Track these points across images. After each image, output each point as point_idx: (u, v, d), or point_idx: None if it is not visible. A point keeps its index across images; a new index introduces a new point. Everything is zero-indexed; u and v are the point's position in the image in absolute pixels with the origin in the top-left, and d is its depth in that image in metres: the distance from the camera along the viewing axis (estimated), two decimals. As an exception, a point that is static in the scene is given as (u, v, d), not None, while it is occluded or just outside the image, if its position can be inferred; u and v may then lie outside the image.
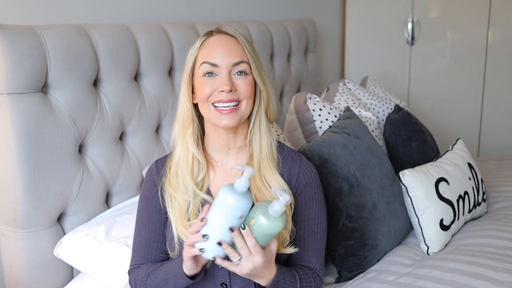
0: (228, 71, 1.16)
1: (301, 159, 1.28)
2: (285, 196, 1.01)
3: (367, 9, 3.33)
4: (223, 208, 1.02)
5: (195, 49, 1.20)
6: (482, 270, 1.46)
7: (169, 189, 1.20)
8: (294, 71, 2.64)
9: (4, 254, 1.47)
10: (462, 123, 3.27)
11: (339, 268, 1.61)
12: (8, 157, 1.37)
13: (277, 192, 1.02)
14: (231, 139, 1.22)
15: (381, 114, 2.28)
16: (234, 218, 1.03)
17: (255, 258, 1.05)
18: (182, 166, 1.21)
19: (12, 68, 1.32)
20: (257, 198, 1.19)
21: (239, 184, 1.02)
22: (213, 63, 1.16)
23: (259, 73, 1.20)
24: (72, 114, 1.48)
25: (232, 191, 1.02)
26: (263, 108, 1.23)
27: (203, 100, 1.17)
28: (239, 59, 1.17)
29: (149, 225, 1.24)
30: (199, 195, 1.19)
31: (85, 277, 1.49)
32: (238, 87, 1.16)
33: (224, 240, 1.04)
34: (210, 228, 1.03)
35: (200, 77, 1.18)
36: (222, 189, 1.04)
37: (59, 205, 1.48)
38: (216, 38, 1.19)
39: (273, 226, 1.04)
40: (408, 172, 1.72)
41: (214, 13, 2.35)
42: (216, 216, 1.03)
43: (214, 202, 1.05)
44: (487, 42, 3.12)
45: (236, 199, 1.01)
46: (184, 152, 1.22)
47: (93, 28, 1.57)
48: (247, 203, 1.03)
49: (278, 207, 1.02)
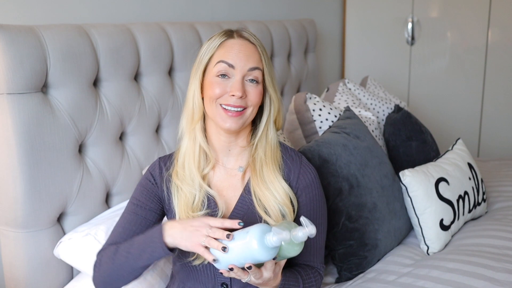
0: (242, 76, 1.17)
1: (301, 160, 1.28)
2: (311, 228, 1.00)
3: (367, 9, 3.33)
4: (245, 246, 1.01)
5: (213, 46, 1.20)
6: (482, 270, 1.47)
7: (176, 180, 1.21)
8: (294, 71, 2.64)
9: (4, 254, 1.47)
10: (462, 123, 3.27)
11: (339, 268, 1.61)
12: (8, 157, 1.37)
13: (305, 222, 1.01)
14: (232, 142, 1.23)
15: (381, 114, 2.28)
16: (251, 260, 1.02)
17: (265, 275, 1.06)
18: (188, 159, 1.22)
19: (12, 68, 1.32)
20: (261, 199, 1.19)
21: (270, 240, 0.99)
22: (230, 63, 1.16)
23: (272, 83, 1.22)
24: (72, 114, 1.48)
25: (262, 240, 1.00)
26: (272, 116, 1.24)
27: (212, 99, 1.18)
28: (255, 65, 1.18)
29: (136, 209, 1.24)
30: (203, 188, 1.20)
31: (85, 277, 1.49)
32: (248, 95, 1.17)
33: (235, 265, 1.04)
34: (229, 253, 1.03)
35: (213, 76, 1.18)
36: (257, 229, 1.01)
37: (59, 205, 1.47)
38: (237, 42, 1.19)
39: (290, 250, 1.05)
40: (408, 172, 1.72)
41: (214, 13, 2.35)
42: (236, 247, 1.02)
43: (242, 231, 1.03)
44: (487, 42, 3.12)
45: (260, 251, 0.99)
46: (191, 144, 1.23)
47: (93, 28, 1.57)
48: (267, 257, 1.01)
49: (301, 236, 1.01)
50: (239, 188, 1.24)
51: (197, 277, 1.21)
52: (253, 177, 1.22)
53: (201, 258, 1.17)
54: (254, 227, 1.01)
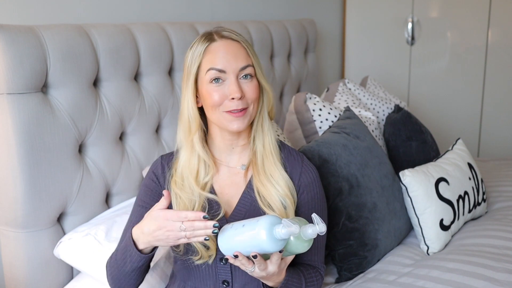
0: (236, 76, 1.16)
1: (302, 159, 1.29)
2: (322, 226, 1.00)
3: (367, 9, 3.33)
4: (253, 235, 1.01)
5: (198, 54, 1.18)
6: (482, 270, 1.46)
7: (174, 189, 1.21)
8: (294, 71, 2.64)
9: (4, 254, 1.47)
10: (462, 123, 3.27)
11: (339, 268, 1.61)
12: (8, 157, 1.37)
13: (316, 219, 1.01)
14: (235, 139, 1.24)
15: (381, 114, 2.28)
16: (258, 250, 1.02)
17: (269, 268, 1.06)
18: (186, 171, 1.22)
19: (12, 68, 1.32)
20: (261, 193, 1.19)
21: (279, 232, 0.99)
22: (220, 69, 1.15)
23: (262, 74, 1.22)
24: (72, 114, 1.48)
25: (271, 231, 0.99)
26: (266, 107, 1.24)
27: (213, 107, 1.17)
28: (245, 63, 1.17)
29: (141, 211, 1.24)
30: (203, 195, 1.20)
31: (85, 277, 1.49)
32: (247, 93, 1.17)
33: (241, 253, 1.04)
34: (237, 240, 1.03)
35: (207, 84, 1.17)
36: (267, 219, 1.01)
37: (59, 205, 1.47)
38: (220, 44, 1.18)
39: (299, 246, 1.05)
40: (408, 172, 1.72)
41: (214, 13, 2.35)
42: (245, 235, 1.02)
43: (253, 220, 1.03)
44: (487, 42, 3.12)
45: (267, 241, 0.99)
46: (189, 157, 1.22)
47: (93, 28, 1.57)
48: (274, 249, 1.01)
49: (311, 233, 1.01)
50: (241, 186, 1.24)
51: (198, 275, 1.22)
52: (255, 172, 1.22)
53: (204, 258, 1.17)
54: (264, 217, 1.01)
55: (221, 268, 1.20)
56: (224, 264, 1.19)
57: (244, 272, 1.16)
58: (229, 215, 1.22)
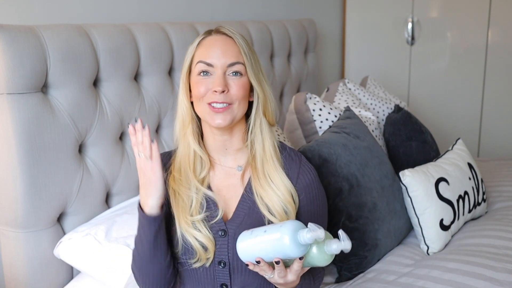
0: (223, 72, 1.16)
1: (300, 160, 1.28)
2: (347, 244, 0.99)
3: (367, 9, 3.33)
4: (276, 240, 1.00)
5: (192, 47, 1.21)
6: (482, 270, 1.47)
7: (173, 185, 1.21)
8: (294, 71, 2.64)
9: (4, 254, 1.47)
10: (462, 123, 3.27)
11: (339, 268, 1.61)
12: (8, 157, 1.37)
13: (342, 236, 1.00)
14: (227, 140, 1.22)
15: (381, 114, 2.28)
16: (280, 255, 1.02)
17: (289, 277, 1.06)
18: (184, 164, 1.22)
19: (12, 68, 1.32)
20: (263, 198, 1.19)
21: (304, 236, 0.98)
22: (208, 62, 1.17)
23: (256, 75, 1.20)
24: (72, 114, 1.48)
25: (295, 235, 0.99)
26: (261, 109, 1.22)
27: (198, 99, 1.18)
28: (234, 60, 1.17)
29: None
30: (201, 190, 1.20)
31: (85, 277, 1.49)
32: (231, 89, 1.16)
33: (262, 259, 1.04)
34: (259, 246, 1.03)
35: (196, 76, 1.19)
36: (291, 224, 1.00)
37: (59, 205, 1.47)
38: (213, 38, 1.20)
39: (320, 259, 1.04)
40: (408, 172, 1.72)
41: (214, 13, 2.35)
42: (267, 240, 1.02)
43: (276, 225, 1.03)
44: (487, 42, 3.12)
45: (291, 246, 0.99)
46: (186, 150, 1.23)
47: (93, 28, 1.57)
48: (297, 254, 1.00)
49: (335, 248, 1.00)
50: (239, 187, 1.24)
51: (197, 278, 1.21)
52: (254, 175, 1.21)
53: (201, 261, 1.17)
54: (288, 222, 1.01)
55: (220, 272, 1.19)
56: (223, 268, 1.18)
57: (242, 275, 1.16)
58: (229, 218, 1.21)
